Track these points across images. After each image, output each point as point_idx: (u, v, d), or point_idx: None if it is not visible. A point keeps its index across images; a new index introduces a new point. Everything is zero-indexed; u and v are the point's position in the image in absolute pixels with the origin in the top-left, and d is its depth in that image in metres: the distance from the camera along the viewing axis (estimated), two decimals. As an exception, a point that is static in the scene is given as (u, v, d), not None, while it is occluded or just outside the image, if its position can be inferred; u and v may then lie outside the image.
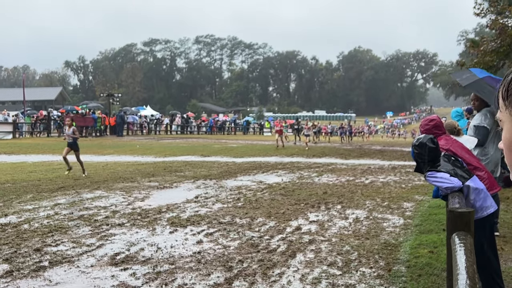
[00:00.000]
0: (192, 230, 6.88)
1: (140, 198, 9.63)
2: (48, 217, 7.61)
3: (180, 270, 5.07)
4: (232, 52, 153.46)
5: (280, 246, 6.08)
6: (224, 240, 6.35)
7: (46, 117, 36.49)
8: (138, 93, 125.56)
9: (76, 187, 10.98)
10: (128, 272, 4.97)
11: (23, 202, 8.90)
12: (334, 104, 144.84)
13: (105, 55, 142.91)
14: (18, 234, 6.46)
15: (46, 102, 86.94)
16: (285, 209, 8.53)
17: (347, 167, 16.93)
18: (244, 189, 11.12)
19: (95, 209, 8.42)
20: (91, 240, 6.25)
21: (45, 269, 5.03)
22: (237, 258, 5.51)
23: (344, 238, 6.51)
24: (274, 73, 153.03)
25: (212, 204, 9.04)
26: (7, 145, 23.89)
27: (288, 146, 27.95)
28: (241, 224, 7.32)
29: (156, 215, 7.90)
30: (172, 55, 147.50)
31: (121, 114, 39.64)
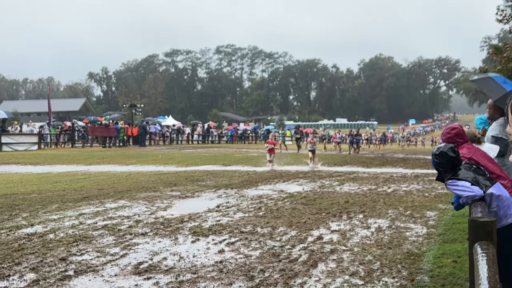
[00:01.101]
0: (214, 240, 6.93)
1: (163, 208, 9.74)
2: (73, 227, 7.75)
3: (202, 279, 5.11)
4: (252, 62, 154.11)
5: (301, 255, 6.08)
6: (246, 249, 6.38)
7: (71, 128, 37.14)
8: (160, 103, 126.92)
9: (100, 197, 11.15)
10: (151, 282, 5.04)
11: (49, 212, 9.07)
12: (356, 112, 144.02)
13: (127, 66, 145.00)
14: (44, 244, 6.59)
15: (71, 113, 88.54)
16: (306, 219, 8.52)
17: (369, 175, 16.81)
18: (265, 198, 11.14)
19: (118, 218, 8.54)
20: (115, 250, 6.34)
21: (70, 278, 5.13)
22: (258, 267, 5.53)
23: (366, 248, 6.47)
24: (294, 81, 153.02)
25: (233, 214, 9.09)
26: (33, 155, 24.39)
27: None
28: (262, 233, 7.34)
29: (178, 225, 7.97)
30: (193, 65, 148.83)
31: (143, 124, 40.12)
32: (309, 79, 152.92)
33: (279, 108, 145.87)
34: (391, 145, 60.36)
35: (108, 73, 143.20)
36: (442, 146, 4.10)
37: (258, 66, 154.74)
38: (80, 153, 26.45)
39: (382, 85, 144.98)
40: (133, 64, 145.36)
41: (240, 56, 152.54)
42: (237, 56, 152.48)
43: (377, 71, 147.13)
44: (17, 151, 28.02)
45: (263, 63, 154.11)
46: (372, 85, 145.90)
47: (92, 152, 27.55)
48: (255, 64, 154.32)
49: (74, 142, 35.12)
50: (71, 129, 36.82)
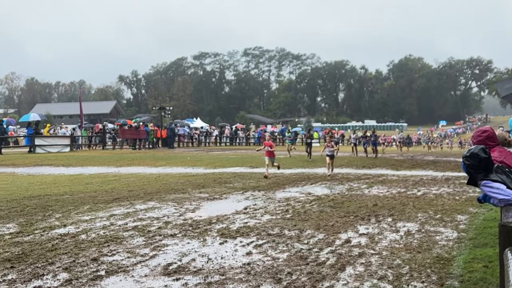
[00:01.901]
0: (241, 242, 6.98)
1: (191, 209, 9.85)
2: (104, 228, 7.92)
3: (230, 281, 5.16)
4: (280, 64, 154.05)
5: (329, 258, 6.06)
6: (273, 252, 6.40)
7: (102, 130, 37.85)
8: (189, 106, 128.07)
9: (130, 198, 11.35)
10: (180, 282, 5.11)
11: (81, 213, 9.29)
12: (385, 114, 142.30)
13: (157, 69, 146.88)
14: (76, 244, 6.76)
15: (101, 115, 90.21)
16: (334, 221, 8.49)
17: (398, 178, 16.61)
18: (293, 200, 11.14)
19: (148, 220, 8.68)
20: (145, 250, 6.46)
21: (102, 278, 5.25)
22: (286, 270, 5.55)
23: (395, 252, 6.42)
24: (322, 83, 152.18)
25: (261, 216, 9.12)
26: (65, 157, 24.96)
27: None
28: (290, 236, 7.36)
29: (206, 226, 8.06)
30: (221, 67, 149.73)
31: (172, 126, 40.57)
32: (337, 80, 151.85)
33: (306, 110, 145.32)
34: (415, 147, 58.49)
35: (138, 76, 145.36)
36: (473, 148, 4.04)
37: (285, 68, 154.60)
38: (111, 155, 26.94)
39: (412, 87, 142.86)
40: (162, 67, 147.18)
41: (268, 58, 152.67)
42: (264, 58, 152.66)
43: (406, 72, 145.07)
44: (50, 153, 28.71)
45: (290, 65, 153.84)
46: (401, 86, 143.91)
47: (123, 154, 28.03)
48: (282, 66, 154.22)
49: (105, 144, 35.77)
50: (102, 131, 37.52)
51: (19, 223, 8.26)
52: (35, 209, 9.65)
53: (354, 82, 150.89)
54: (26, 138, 32.97)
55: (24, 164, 21.99)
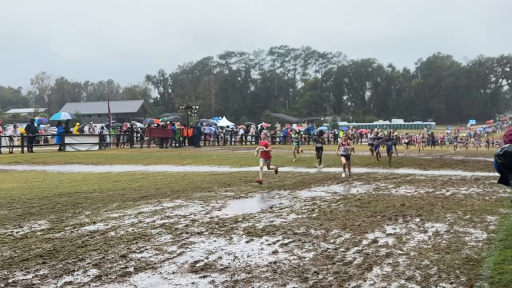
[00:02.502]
0: (267, 240, 7.00)
1: (217, 208, 9.92)
2: (133, 225, 8.05)
3: (256, 279, 5.19)
4: (305, 62, 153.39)
5: (356, 258, 6.03)
6: (299, 251, 6.40)
7: (130, 129, 38.39)
8: (214, 105, 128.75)
9: (157, 196, 11.50)
10: (207, 280, 5.17)
11: (110, 211, 9.46)
12: (413, 112, 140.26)
13: (183, 68, 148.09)
14: (105, 241, 6.89)
15: (129, 114, 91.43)
16: (361, 221, 8.44)
17: (427, 178, 16.38)
18: (319, 200, 11.11)
19: (175, 217, 8.79)
20: (172, 248, 6.54)
21: (130, 275, 5.35)
22: (312, 269, 5.55)
23: (423, 252, 6.34)
24: (348, 81, 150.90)
25: (286, 215, 9.13)
26: (94, 156, 25.43)
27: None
28: (316, 235, 7.34)
29: (232, 225, 8.11)
30: (246, 66, 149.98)
31: (198, 125, 40.88)
32: (363, 79, 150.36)
33: (332, 109, 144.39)
34: (437, 147, 56.14)
35: (164, 76, 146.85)
36: (506, 146, 3.97)
37: (311, 67, 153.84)
38: (138, 154, 27.32)
39: (441, 85, 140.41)
40: (188, 66, 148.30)
41: (293, 56, 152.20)
42: (290, 57, 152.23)
43: (435, 70, 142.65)
44: (79, 151, 29.28)
45: (316, 63, 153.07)
46: (430, 84, 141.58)
47: (150, 153, 28.38)
48: (308, 64, 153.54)
49: (133, 143, 36.29)
50: (130, 130, 38.06)
51: (50, 220, 8.47)
52: (66, 206, 9.88)
53: (381, 81, 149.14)
54: (56, 136, 33.71)
55: (54, 162, 22.49)
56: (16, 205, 9.93)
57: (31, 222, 8.26)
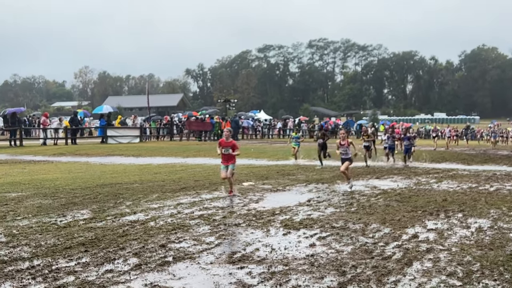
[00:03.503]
0: (305, 233, 6.96)
1: (255, 200, 9.94)
2: (172, 216, 8.17)
3: (293, 271, 5.17)
4: (345, 55, 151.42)
5: (395, 253, 5.92)
6: (337, 244, 6.34)
7: (170, 122, 38.99)
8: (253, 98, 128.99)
9: (196, 188, 11.63)
10: (245, 271, 5.19)
11: (150, 201, 9.64)
12: (456, 106, 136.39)
13: (222, 62, 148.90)
14: (145, 231, 7.02)
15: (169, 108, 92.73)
16: (400, 216, 8.28)
17: (470, 173, 15.91)
18: (357, 194, 10.97)
19: (213, 209, 8.87)
20: (210, 239, 6.60)
21: (169, 264, 5.43)
22: (350, 263, 5.48)
23: (465, 248, 6.16)
24: (389, 74, 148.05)
25: (324, 208, 9.06)
26: (135, 148, 25.95)
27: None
28: (354, 229, 7.25)
29: (270, 217, 8.11)
30: (285, 60, 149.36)
31: (236, 119, 41.08)
32: (405, 71, 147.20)
33: (372, 102, 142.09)
34: (478, 142, 52.56)
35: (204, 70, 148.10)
36: None
37: (351, 60, 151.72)
38: (178, 146, 27.70)
39: (485, 78, 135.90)
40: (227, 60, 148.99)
41: (333, 49, 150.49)
42: (329, 50, 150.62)
43: (479, 63, 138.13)
44: (121, 143, 29.94)
45: (356, 56, 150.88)
46: (474, 77, 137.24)
47: (189, 145, 28.72)
48: (347, 57, 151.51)
49: (172, 136, 36.83)
50: (170, 123, 38.64)
51: (93, 209, 8.70)
52: (107, 197, 10.12)
53: (423, 74, 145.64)
54: (98, 129, 34.58)
55: (97, 154, 23.09)
56: (60, 195, 10.25)
57: (74, 211, 8.51)
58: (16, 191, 10.86)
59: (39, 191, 10.78)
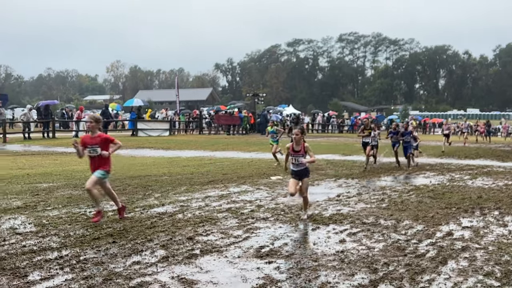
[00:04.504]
0: (334, 229, 6.81)
1: (283, 194, 9.81)
2: (200, 208, 8.13)
3: (323, 267, 5.03)
4: (376, 49, 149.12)
5: (429, 251, 5.72)
6: (368, 241, 6.16)
7: (199, 116, 39.18)
8: (281, 93, 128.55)
9: (224, 181, 11.58)
10: (273, 266, 5.07)
11: (178, 194, 9.63)
12: (490, 102, 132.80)
13: (251, 56, 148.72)
14: (173, 223, 6.99)
15: (198, 102, 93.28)
16: (434, 213, 8.02)
17: (505, 170, 15.40)
18: (389, 189, 10.72)
19: (241, 202, 8.78)
20: (238, 232, 6.51)
21: (196, 257, 5.36)
22: (382, 260, 5.31)
23: (502, 247, 5.90)
24: (421, 69, 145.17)
25: (354, 204, 8.87)
26: (164, 141, 26.13)
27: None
28: (385, 225, 7.05)
29: (298, 212, 7.97)
30: (314, 54, 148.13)
31: (265, 113, 40.94)
32: (437, 66, 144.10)
33: (403, 97, 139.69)
34: (504, 139, 49.08)
35: (233, 64, 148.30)
36: None
37: (381, 54, 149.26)
38: (206, 140, 27.79)
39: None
40: (256, 54, 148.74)
41: (363, 43, 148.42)
42: (359, 44, 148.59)
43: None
44: (151, 136, 30.21)
45: (387, 50, 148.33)
46: (509, 72, 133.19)
47: (218, 139, 28.76)
48: (378, 51, 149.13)
49: (201, 129, 36.99)
50: (199, 117, 38.81)
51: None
52: (136, 188, 10.16)
53: (456, 68, 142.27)
54: (129, 122, 34.99)
55: (127, 146, 23.29)
56: (90, 186, 10.32)
57: (103, 202, 8.54)
58: (48, 181, 11.02)
59: (70, 182, 10.91)
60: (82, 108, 34.87)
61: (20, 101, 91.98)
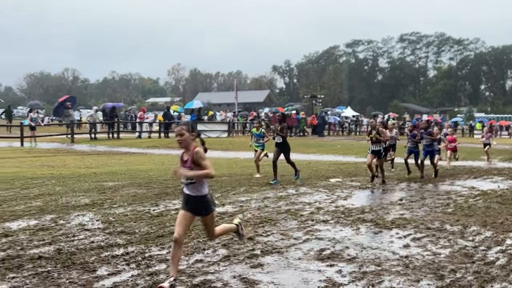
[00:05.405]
0: (397, 233, 6.63)
1: (343, 197, 9.68)
2: (259, 209, 8.16)
3: (387, 272, 4.91)
4: (439, 49, 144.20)
5: (499, 258, 5.45)
6: (434, 246, 5.96)
7: (256, 118, 39.40)
8: (339, 94, 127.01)
9: (282, 182, 11.58)
10: (334, 269, 5.01)
11: (237, 194, 9.72)
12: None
13: (309, 58, 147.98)
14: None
15: (256, 104, 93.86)
16: (503, 219, 7.64)
17: None
18: (454, 194, 10.32)
19: (300, 204, 8.74)
20: (297, 234, 6.48)
21: (257, 257, 5.38)
22: (449, 267, 5.12)
23: None
24: (487, 69, 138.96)
25: (418, 208, 8.60)
26: (223, 142, 26.48)
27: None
28: (452, 231, 6.79)
29: (359, 215, 7.83)
30: (374, 55, 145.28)
31: (323, 115, 40.64)
32: (505, 67, 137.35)
33: (468, 99, 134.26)
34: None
35: (290, 66, 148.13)
36: None
37: (445, 54, 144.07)
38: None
39: None
40: (314, 56, 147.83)
41: (426, 44, 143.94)
42: (422, 44, 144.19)
43: None
44: (210, 137, 30.69)
45: (451, 50, 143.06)
46: None
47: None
48: (441, 52, 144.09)
49: (259, 131, 37.16)
50: (257, 118, 39.04)
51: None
52: (197, 188, 10.33)
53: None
54: (189, 123, 35.73)
55: (187, 147, 23.83)
56: (153, 185, 10.64)
57: (166, 201, 8.77)
58: (113, 180, 11.44)
59: (134, 181, 11.27)
60: (144, 109, 36.01)
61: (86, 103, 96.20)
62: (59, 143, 25.03)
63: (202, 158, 4.77)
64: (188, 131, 4.82)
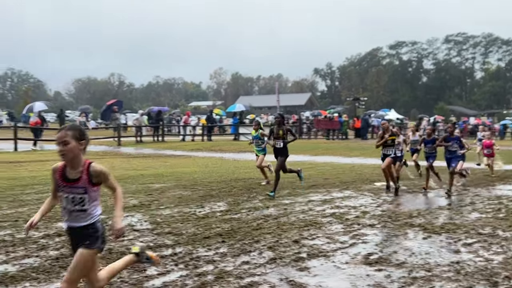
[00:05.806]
0: (447, 238, 6.46)
1: (389, 201, 9.53)
2: (303, 212, 8.14)
3: (437, 278, 4.79)
4: (486, 50, 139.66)
5: (557, 267, 5.22)
6: (486, 252, 5.77)
7: (298, 121, 39.31)
8: (382, 97, 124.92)
9: (326, 186, 11.50)
10: (383, 273, 4.93)
11: (281, 197, 9.72)
12: None
13: (351, 60, 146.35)
14: (278, 226, 7.06)
15: (297, 107, 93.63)
16: (560, 226, 7.31)
17: None
18: (505, 199, 9.97)
19: (345, 208, 8.66)
20: (343, 238, 6.42)
21: (303, 260, 5.37)
22: (502, 273, 4.94)
23: None
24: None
25: (468, 213, 8.36)
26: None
27: None
28: (504, 237, 6.56)
29: (407, 219, 7.68)
30: (418, 56, 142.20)
31: (366, 117, 40.08)
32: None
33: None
34: None
35: (332, 68, 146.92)
36: None
37: (493, 55, 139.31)
38: (305, 144, 27.75)
39: None
40: (356, 58, 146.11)
41: (472, 44, 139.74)
42: (468, 45, 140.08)
43: None
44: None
45: (499, 51, 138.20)
46: None
47: (317, 144, 28.62)
48: (489, 52, 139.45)
49: (301, 134, 37.03)
50: (299, 121, 38.93)
51: (228, 202, 9.00)
52: (241, 191, 10.42)
53: None
54: (232, 126, 36.04)
55: (230, 150, 24.04)
56: (198, 187, 10.79)
57: (211, 203, 8.87)
58: (159, 182, 11.67)
59: (180, 183, 11.46)
60: (189, 113, 36.57)
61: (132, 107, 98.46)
62: (106, 146, 25.74)
63: (107, 174, 3.72)
64: (75, 139, 3.51)
